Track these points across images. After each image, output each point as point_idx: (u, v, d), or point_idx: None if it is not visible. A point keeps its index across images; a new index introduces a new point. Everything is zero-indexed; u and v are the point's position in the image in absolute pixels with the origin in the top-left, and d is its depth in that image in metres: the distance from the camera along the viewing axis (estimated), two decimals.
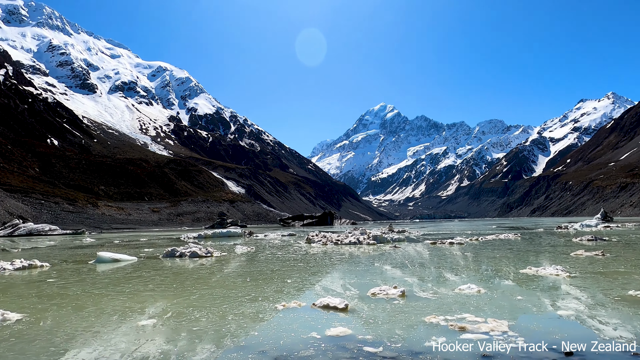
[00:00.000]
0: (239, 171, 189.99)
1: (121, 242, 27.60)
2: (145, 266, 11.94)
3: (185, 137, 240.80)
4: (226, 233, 31.59)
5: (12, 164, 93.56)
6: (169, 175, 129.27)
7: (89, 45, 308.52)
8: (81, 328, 5.14)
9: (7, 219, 56.36)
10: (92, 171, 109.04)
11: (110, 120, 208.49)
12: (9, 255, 17.80)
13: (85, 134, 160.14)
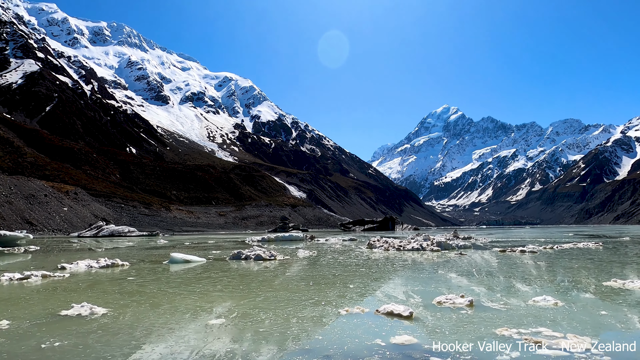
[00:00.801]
0: (300, 176, 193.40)
1: (191, 244, 29.16)
2: (214, 267, 12.50)
3: (250, 143, 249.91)
4: (288, 237, 32.25)
5: (97, 171, 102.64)
6: (234, 180, 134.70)
7: (162, 59, 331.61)
8: (158, 324, 5.49)
9: (93, 221, 61.89)
10: (165, 177, 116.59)
11: (181, 129, 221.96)
12: (94, 254, 19.49)
13: (159, 142, 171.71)
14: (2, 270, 12.05)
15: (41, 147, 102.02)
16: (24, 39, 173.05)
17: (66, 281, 9.59)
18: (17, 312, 6.19)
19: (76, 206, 67.69)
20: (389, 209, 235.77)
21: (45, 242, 32.51)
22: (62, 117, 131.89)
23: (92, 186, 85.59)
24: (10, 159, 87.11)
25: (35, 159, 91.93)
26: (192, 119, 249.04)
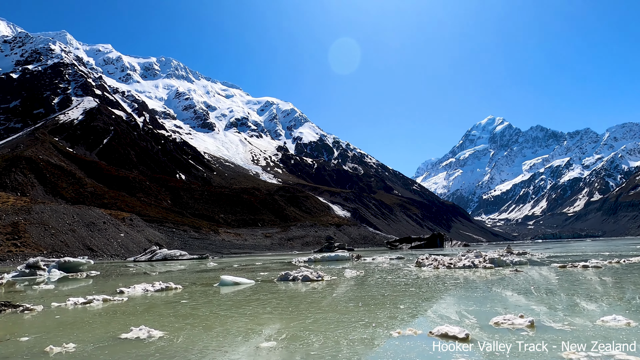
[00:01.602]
0: (344, 195, 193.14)
1: (239, 266, 29.68)
2: (263, 289, 12.63)
3: (292, 165, 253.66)
4: (334, 257, 32.07)
5: (150, 198, 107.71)
6: (279, 202, 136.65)
7: (207, 88, 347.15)
8: (211, 347, 5.59)
9: (147, 245, 64.66)
10: (212, 201, 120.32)
11: (226, 154, 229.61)
12: (149, 278, 20.27)
13: (207, 168, 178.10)
14: (67, 295, 12.80)
15: (100, 177, 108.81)
16: (84, 79, 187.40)
17: (125, 305, 10.01)
18: (82, 335, 6.52)
19: (132, 232, 71.13)
20: (436, 225, 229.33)
21: (105, 267, 34.25)
22: (118, 148, 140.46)
23: (145, 212, 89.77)
24: (73, 189, 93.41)
25: (94, 188, 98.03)
26: (237, 143, 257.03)
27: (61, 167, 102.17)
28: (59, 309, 9.52)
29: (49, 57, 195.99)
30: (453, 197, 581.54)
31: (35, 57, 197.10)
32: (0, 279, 18.67)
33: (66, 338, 6.20)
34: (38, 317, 8.58)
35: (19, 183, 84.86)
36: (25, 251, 49.38)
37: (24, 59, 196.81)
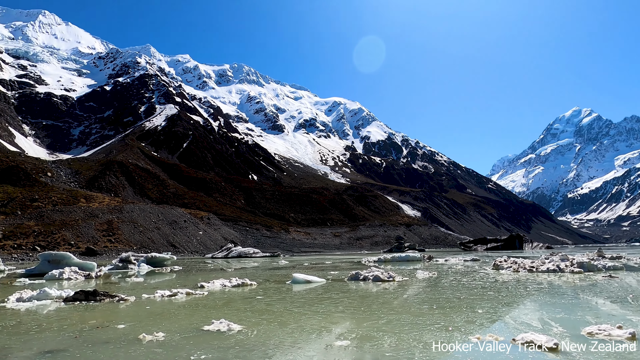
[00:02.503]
0: (414, 194, 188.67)
1: (310, 264, 30.19)
2: (334, 288, 12.72)
3: (360, 164, 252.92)
4: (405, 257, 31.45)
5: (225, 198, 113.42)
6: (347, 201, 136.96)
7: (277, 92, 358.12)
8: (287, 343, 5.74)
9: (223, 243, 68.17)
10: (283, 201, 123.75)
11: (295, 154, 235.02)
12: (226, 274, 21.34)
13: (277, 169, 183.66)
14: (155, 287, 13.88)
15: (180, 178, 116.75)
16: (165, 88, 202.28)
17: (205, 299, 10.62)
18: (169, 325, 7.02)
19: (209, 230, 75.45)
20: (515, 225, 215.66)
21: (186, 263, 36.66)
22: (196, 151, 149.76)
23: (221, 211, 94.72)
24: (158, 190, 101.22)
25: (176, 189, 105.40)
26: (306, 144, 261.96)
27: (147, 170, 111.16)
28: (148, 300, 10.34)
29: (136, 70, 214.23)
30: (533, 195, 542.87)
31: (125, 70, 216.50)
32: (99, 272, 20.75)
33: (156, 327, 6.72)
34: (131, 307, 9.39)
35: (113, 185, 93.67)
36: (118, 247, 54.40)
37: (115, 72, 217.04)
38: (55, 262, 22.09)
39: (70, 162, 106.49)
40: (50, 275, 18.27)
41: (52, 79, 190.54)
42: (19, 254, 44.77)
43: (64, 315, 8.40)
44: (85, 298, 10.04)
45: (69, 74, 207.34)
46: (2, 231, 49.79)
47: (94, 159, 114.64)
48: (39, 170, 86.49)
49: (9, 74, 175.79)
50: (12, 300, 10.23)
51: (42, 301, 10.15)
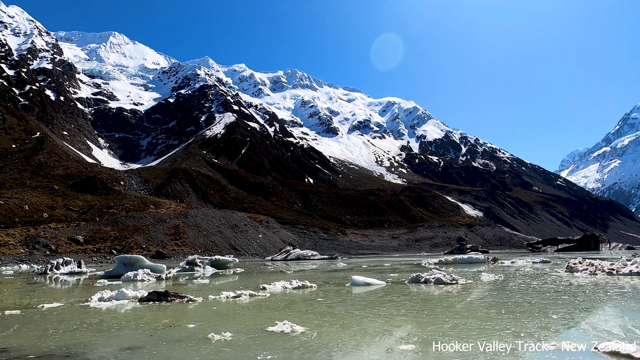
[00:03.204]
0: (475, 193, 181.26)
1: (368, 266, 29.96)
2: (394, 291, 12.52)
3: (417, 164, 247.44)
4: (467, 259, 30.28)
5: (283, 201, 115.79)
6: (405, 202, 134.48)
7: (330, 95, 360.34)
8: (350, 345, 5.72)
9: (282, 246, 69.60)
10: (339, 203, 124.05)
11: (350, 156, 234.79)
12: (286, 276, 21.73)
13: (332, 171, 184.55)
14: (219, 289, 14.45)
15: (240, 184, 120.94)
16: (224, 97, 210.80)
17: (268, 300, 10.88)
18: (235, 325, 7.27)
19: (268, 233, 77.41)
20: (589, 224, 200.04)
21: (247, 265, 37.83)
22: (254, 157, 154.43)
23: (279, 215, 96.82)
24: (219, 195, 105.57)
25: (236, 194, 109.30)
26: (360, 146, 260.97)
27: (209, 176, 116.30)
28: (214, 301, 10.78)
29: (196, 82, 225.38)
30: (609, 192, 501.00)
31: (186, 83, 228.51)
32: (168, 274, 21.99)
33: (223, 327, 6.98)
34: (199, 307, 9.84)
35: (178, 191, 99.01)
36: (185, 250, 57.35)
37: (178, 85, 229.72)
38: (129, 264, 23.72)
39: (140, 171, 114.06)
40: (126, 277, 19.63)
41: (123, 95, 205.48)
42: (98, 257, 48.62)
43: (140, 314, 8.98)
44: (157, 298, 10.68)
45: (137, 89, 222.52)
46: (84, 236, 54.33)
47: (161, 168, 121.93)
48: (113, 179, 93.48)
49: (85, 92, 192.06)
50: (94, 299, 11.12)
51: (120, 301, 10.93)
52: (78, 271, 27.10)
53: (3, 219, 56.18)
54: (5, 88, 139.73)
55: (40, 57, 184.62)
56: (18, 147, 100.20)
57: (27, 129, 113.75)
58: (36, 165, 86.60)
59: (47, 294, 14.71)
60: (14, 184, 74.01)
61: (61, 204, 67.54)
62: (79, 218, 62.99)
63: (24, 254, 46.15)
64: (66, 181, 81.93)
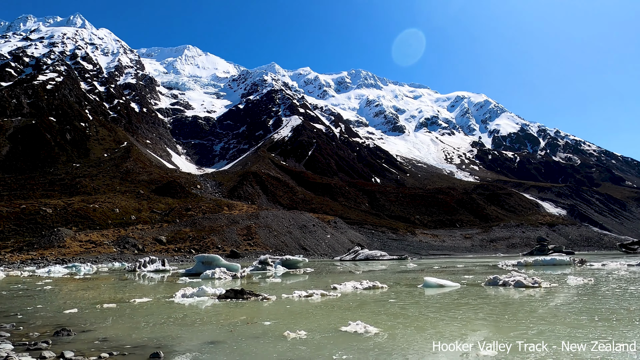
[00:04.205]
0: (556, 190, 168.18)
1: (440, 267, 29.00)
2: (470, 293, 11.98)
3: (490, 160, 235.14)
4: (550, 261, 28.16)
5: (350, 202, 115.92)
6: (477, 200, 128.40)
7: (395, 93, 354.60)
8: (427, 348, 5.56)
9: (350, 246, 69.67)
10: (407, 203, 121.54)
11: (418, 155, 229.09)
12: (356, 276, 21.70)
13: (400, 170, 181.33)
14: (291, 288, 14.80)
15: (307, 185, 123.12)
16: (290, 100, 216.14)
17: (339, 300, 10.93)
18: (309, 324, 7.39)
19: (336, 233, 77.94)
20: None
21: (316, 265, 38.35)
22: (320, 158, 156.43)
23: (347, 215, 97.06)
24: (288, 197, 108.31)
25: (304, 195, 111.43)
26: (428, 143, 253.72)
27: (277, 178, 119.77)
28: (287, 299, 11.05)
29: (263, 87, 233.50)
30: None
31: (254, 89, 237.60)
32: (243, 272, 22.96)
33: (297, 326, 7.14)
34: (273, 305, 10.15)
35: (249, 193, 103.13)
36: (257, 249, 59.56)
37: (247, 91, 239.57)
38: (207, 263, 25.13)
39: (214, 175, 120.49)
40: (205, 275, 20.81)
41: (197, 104, 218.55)
42: (179, 256, 52.11)
43: (219, 310, 9.46)
44: (234, 296, 11.19)
45: (210, 98, 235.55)
46: (166, 236, 58.52)
47: (233, 171, 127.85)
48: (190, 183, 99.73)
49: (164, 103, 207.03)
50: (178, 296, 11.91)
51: (200, 297, 11.61)
52: (162, 269, 29.24)
53: (98, 221, 62.27)
54: (97, 103, 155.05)
55: (125, 73, 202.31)
56: (109, 156, 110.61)
57: (116, 139, 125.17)
58: (124, 172, 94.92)
59: (136, 289, 16.03)
60: (107, 190, 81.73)
61: (146, 207, 73.36)
62: (162, 220, 68.00)
63: (116, 252, 50.77)
64: (150, 186, 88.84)
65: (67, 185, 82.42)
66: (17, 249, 48.34)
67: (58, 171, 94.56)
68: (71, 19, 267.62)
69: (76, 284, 19.25)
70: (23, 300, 12.34)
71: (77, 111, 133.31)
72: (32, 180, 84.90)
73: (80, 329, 7.35)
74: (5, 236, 53.95)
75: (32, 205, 63.06)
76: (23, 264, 40.23)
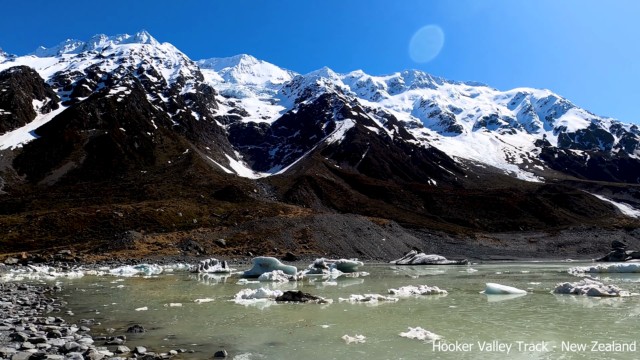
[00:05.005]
0: (634, 190, 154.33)
1: (502, 273, 27.61)
2: (538, 301, 11.29)
3: (556, 159, 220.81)
4: (629, 268, 25.86)
5: (405, 205, 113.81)
6: (543, 202, 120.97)
7: (451, 92, 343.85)
8: (493, 359, 5.30)
9: (406, 249, 68.31)
10: (465, 205, 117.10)
11: (476, 155, 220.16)
12: (413, 280, 21.23)
13: (457, 172, 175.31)
14: (347, 291, 14.76)
15: (361, 188, 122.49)
16: (343, 104, 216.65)
17: (397, 305, 10.73)
18: (367, 328, 7.32)
19: (391, 237, 76.75)
20: None
21: (372, 269, 37.97)
22: (374, 161, 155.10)
23: (402, 218, 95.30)
24: (341, 200, 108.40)
25: (358, 198, 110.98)
26: (487, 143, 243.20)
27: (331, 182, 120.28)
28: (344, 303, 11.03)
29: (316, 92, 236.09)
30: None
31: (307, 94, 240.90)
32: (299, 275, 23.26)
33: (356, 330, 7.09)
34: (330, 308, 10.17)
35: (304, 197, 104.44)
36: (312, 252, 60.12)
37: (300, 96, 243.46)
38: (265, 265, 25.73)
39: (270, 179, 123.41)
40: (263, 277, 21.33)
41: (253, 110, 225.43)
42: (237, 258, 53.86)
43: (278, 312, 9.64)
44: (292, 298, 11.35)
45: (265, 104, 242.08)
46: (225, 239, 60.72)
47: (288, 175, 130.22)
48: (247, 188, 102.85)
49: (222, 111, 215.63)
50: (238, 297, 12.30)
51: (260, 299, 11.90)
52: (222, 270, 30.36)
53: (163, 224, 65.96)
54: (162, 113, 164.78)
55: (186, 84, 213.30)
56: (172, 163, 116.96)
57: (179, 147, 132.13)
58: (186, 178, 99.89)
59: (199, 289, 16.76)
60: (171, 194, 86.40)
61: (206, 211, 76.63)
62: (221, 223, 70.68)
63: (180, 254, 53.46)
64: (210, 190, 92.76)
65: (136, 191, 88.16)
66: (93, 250, 52.40)
67: (127, 178, 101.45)
68: (138, 35, 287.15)
69: (145, 283, 20.50)
70: (100, 298, 13.34)
71: (143, 121, 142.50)
72: (106, 187, 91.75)
73: (150, 326, 7.80)
74: (83, 238, 58.73)
75: (106, 210, 68.11)
76: (98, 264, 43.57)
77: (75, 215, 64.65)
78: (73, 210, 67.10)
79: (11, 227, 59.72)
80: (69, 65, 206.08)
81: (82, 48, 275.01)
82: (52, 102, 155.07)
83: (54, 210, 68.00)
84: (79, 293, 15.06)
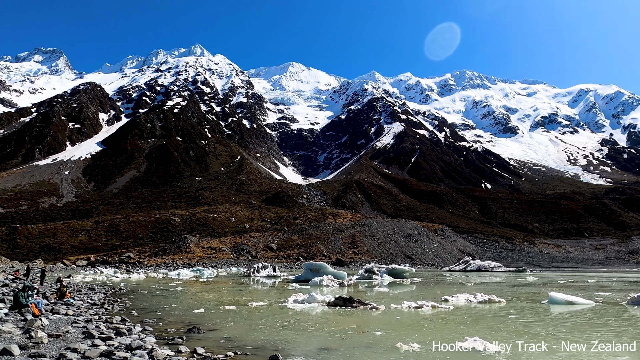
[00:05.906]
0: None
1: (566, 282, 25.94)
2: (608, 313, 10.48)
3: (625, 160, 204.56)
4: None
5: (458, 209, 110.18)
6: (611, 206, 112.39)
7: (505, 91, 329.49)
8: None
9: (460, 256, 66.00)
10: (523, 209, 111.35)
11: (534, 157, 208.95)
12: (467, 288, 20.45)
13: (513, 174, 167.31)
14: (399, 298, 14.48)
15: (411, 192, 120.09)
16: (391, 108, 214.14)
17: (452, 313, 10.38)
18: (422, 337, 7.14)
19: (444, 242, 74.47)
20: None
21: (423, 275, 37.05)
22: (424, 165, 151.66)
23: (455, 223, 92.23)
24: (391, 205, 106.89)
25: (408, 203, 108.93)
26: (546, 144, 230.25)
27: (380, 186, 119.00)
28: (396, 310, 10.83)
29: (364, 96, 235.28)
30: None
31: (355, 99, 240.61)
32: (349, 280, 23.15)
33: (409, 337, 6.94)
34: (382, 315, 10.03)
35: (353, 202, 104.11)
36: (362, 258, 59.68)
37: (348, 102, 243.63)
38: (315, 270, 25.88)
39: (319, 185, 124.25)
40: (313, 282, 21.45)
41: (301, 117, 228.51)
42: (288, 263, 54.59)
43: (329, 317, 9.65)
44: (343, 304, 11.32)
45: (313, 110, 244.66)
46: (276, 244, 61.81)
47: (337, 180, 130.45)
48: (297, 193, 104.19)
49: (272, 118, 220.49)
50: (290, 301, 12.45)
51: (311, 304, 11.97)
52: (273, 275, 30.89)
53: (218, 229, 68.31)
54: (215, 122, 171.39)
55: (237, 93, 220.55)
56: (225, 170, 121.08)
57: (231, 154, 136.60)
58: (238, 184, 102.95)
59: (252, 293, 17.16)
60: (224, 200, 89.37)
61: (257, 216, 78.48)
62: (272, 228, 72.06)
63: (233, 258, 55.06)
64: (260, 196, 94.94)
65: (191, 197, 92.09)
66: (153, 254, 55.26)
67: (184, 184, 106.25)
68: (192, 49, 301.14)
69: (200, 286, 21.29)
70: (160, 299, 14.02)
71: (198, 130, 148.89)
72: (164, 193, 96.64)
73: (207, 327, 8.08)
74: (144, 242, 62.16)
75: (164, 215, 71.69)
76: (158, 266, 45.89)
77: (137, 220, 68.62)
78: (135, 216, 71.31)
79: (81, 232, 64.45)
80: (130, 80, 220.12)
81: (142, 63, 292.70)
82: (116, 115, 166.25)
83: (118, 216, 72.61)
84: (141, 294, 15.93)
